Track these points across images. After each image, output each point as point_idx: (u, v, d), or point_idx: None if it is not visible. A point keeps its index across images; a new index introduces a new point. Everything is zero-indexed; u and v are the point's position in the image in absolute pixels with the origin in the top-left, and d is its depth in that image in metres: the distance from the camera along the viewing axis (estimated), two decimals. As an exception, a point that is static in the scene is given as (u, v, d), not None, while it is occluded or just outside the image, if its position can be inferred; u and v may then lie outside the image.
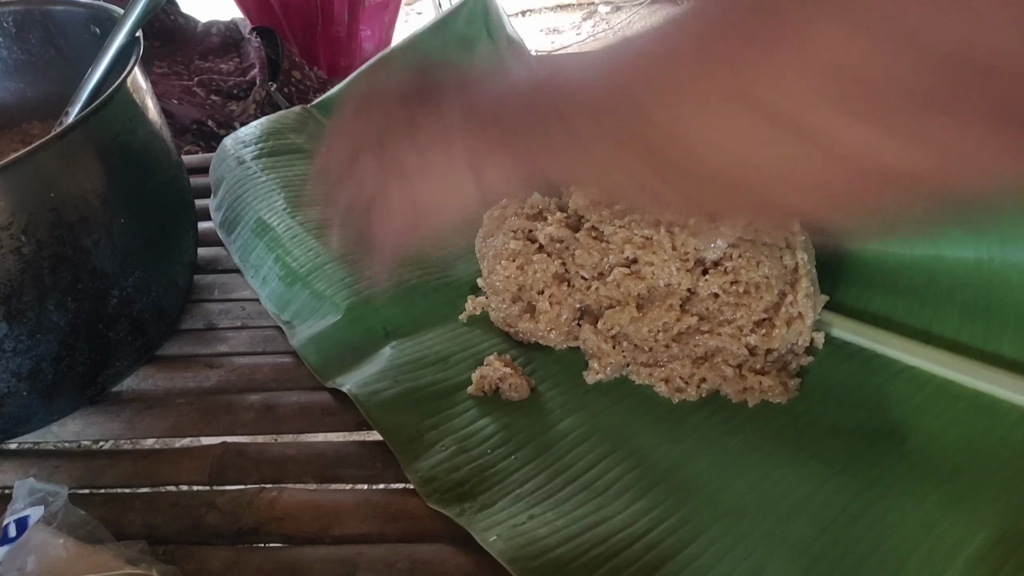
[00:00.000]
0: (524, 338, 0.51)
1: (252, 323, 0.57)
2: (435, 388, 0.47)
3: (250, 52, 1.35)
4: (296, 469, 0.46)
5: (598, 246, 0.47)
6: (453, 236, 0.55)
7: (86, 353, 0.49)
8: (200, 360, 0.55)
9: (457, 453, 0.44)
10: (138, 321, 0.51)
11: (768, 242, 0.45)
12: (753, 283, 0.44)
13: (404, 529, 0.42)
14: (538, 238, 0.50)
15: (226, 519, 0.44)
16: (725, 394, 0.45)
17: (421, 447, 0.44)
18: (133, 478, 0.47)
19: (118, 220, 0.48)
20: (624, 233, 0.46)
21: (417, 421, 0.45)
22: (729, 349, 0.45)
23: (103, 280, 0.48)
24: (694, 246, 0.45)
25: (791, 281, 0.45)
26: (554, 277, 0.49)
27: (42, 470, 0.48)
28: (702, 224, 0.44)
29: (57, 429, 0.50)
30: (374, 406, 0.46)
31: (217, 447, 0.48)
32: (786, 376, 0.45)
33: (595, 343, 0.47)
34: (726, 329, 0.45)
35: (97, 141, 0.46)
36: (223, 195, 0.65)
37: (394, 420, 0.45)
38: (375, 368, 0.48)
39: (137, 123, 0.49)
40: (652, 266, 0.45)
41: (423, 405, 0.46)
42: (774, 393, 0.44)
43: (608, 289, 0.47)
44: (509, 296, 0.50)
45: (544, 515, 0.39)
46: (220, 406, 0.51)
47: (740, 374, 0.45)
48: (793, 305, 0.44)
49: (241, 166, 0.66)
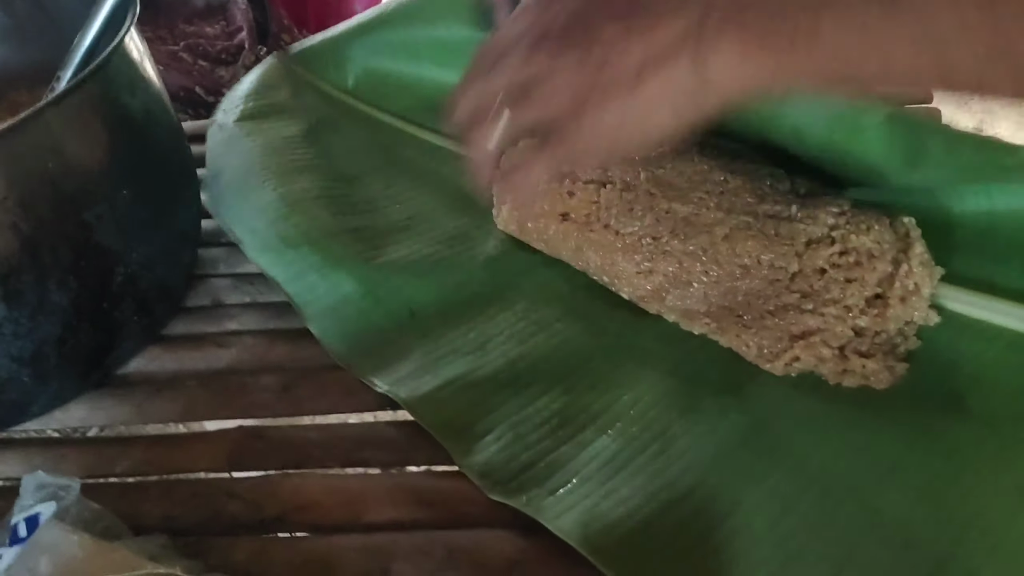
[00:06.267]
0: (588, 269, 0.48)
1: (262, 298, 0.54)
2: (477, 375, 0.44)
3: (236, 15, 1.30)
4: (319, 453, 0.44)
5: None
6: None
7: (90, 335, 0.46)
8: (209, 339, 0.52)
9: (514, 440, 0.41)
10: (144, 299, 0.48)
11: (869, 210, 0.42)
12: (865, 251, 0.41)
13: (438, 515, 0.40)
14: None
15: (248, 508, 0.41)
16: (821, 374, 0.42)
17: (473, 438, 0.41)
18: (146, 466, 0.44)
19: (121, 192, 0.44)
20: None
21: (464, 412, 0.43)
22: (832, 330, 0.41)
23: (107, 257, 0.44)
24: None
25: (903, 248, 0.42)
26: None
27: (47, 460, 0.45)
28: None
29: (61, 415, 0.47)
30: (417, 401, 0.43)
31: (234, 431, 0.46)
32: (893, 360, 0.41)
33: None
34: (831, 310, 0.41)
35: (96, 106, 0.42)
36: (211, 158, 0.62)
37: (441, 414, 0.43)
38: (412, 364, 0.45)
39: (137, 86, 0.46)
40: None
41: (467, 394, 0.43)
42: (878, 379, 0.41)
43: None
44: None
45: (619, 491, 0.37)
46: (233, 387, 0.48)
47: (842, 355, 0.41)
48: (909, 275, 0.41)
49: (223, 131, 0.62)
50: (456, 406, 0.43)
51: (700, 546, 0.35)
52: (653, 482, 0.38)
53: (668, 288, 0.46)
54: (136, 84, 0.46)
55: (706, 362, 0.44)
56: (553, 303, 0.49)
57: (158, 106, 0.49)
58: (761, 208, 0.45)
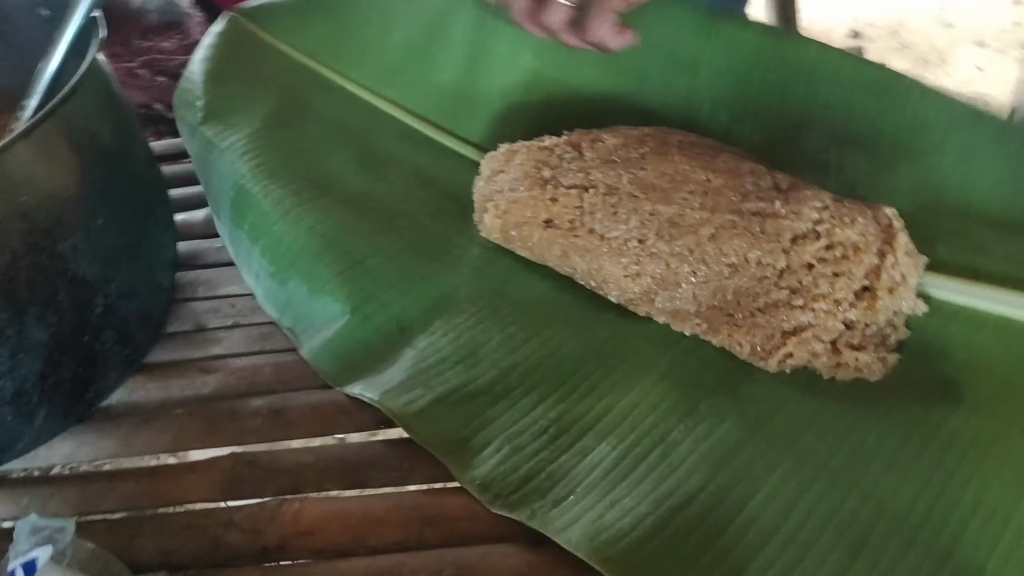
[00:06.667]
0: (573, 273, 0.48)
1: (245, 320, 0.53)
2: (470, 388, 0.44)
3: (192, 28, 1.28)
4: (316, 476, 0.43)
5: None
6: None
7: (73, 368, 0.44)
8: (194, 365, 0.51)
9: (512, 453, 0.40)
10: (125, 328, 0.47)
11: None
12: (851, 244, 0.42)
13: (444, 532, 0.40)
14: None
15: (247, 537, 0.41)
16: (815, 369, 0.42)
17: (471, 453, 0.41)
18: (138, 500, 0.43)
19: (95, 221, 0.43)
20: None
21: (460, 427, 0.42)
22: (823, 325, 0.42)
23: (85, 288, 0.43)
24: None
25: (887, 239, 0.42)
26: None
27: (35, 499, 0.44)
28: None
29: (46, 453, 0.46)
30: (412, 418, 0.43)
31: (226, 459, 0.45)
32: (884, 351, 0.42)
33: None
34: (821, 304, 0.41)
35: (67, 134, 0.41)
36: (197, 164, 0.60)
37: (437, 430, 0.42)
38: (400, 375, 0.45)
39: (107, 111, 0.45)
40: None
41: (462, 408, 0.43)
42: (871, 371, 0.41)
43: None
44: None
45: (623, 501, 0.37)
46: (223, 414, 0.47)
47: (834, 349, 0.42)
48: (895, 266, 0.41)
49: (195, 138, 0.61)
50: (451, 421, 0.43)
51: (710, 549, 0.35)
52: (657, 489, 0.38)
53: (656, 290, 0.46)
54: (106, 109, 0.45)
55: (699, 363, 0.44)
56: (541, 309, 0.48)
57: (129, 129, 0.48)
58: (745, 206, 0.45)
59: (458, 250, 0.53)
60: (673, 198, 0.46)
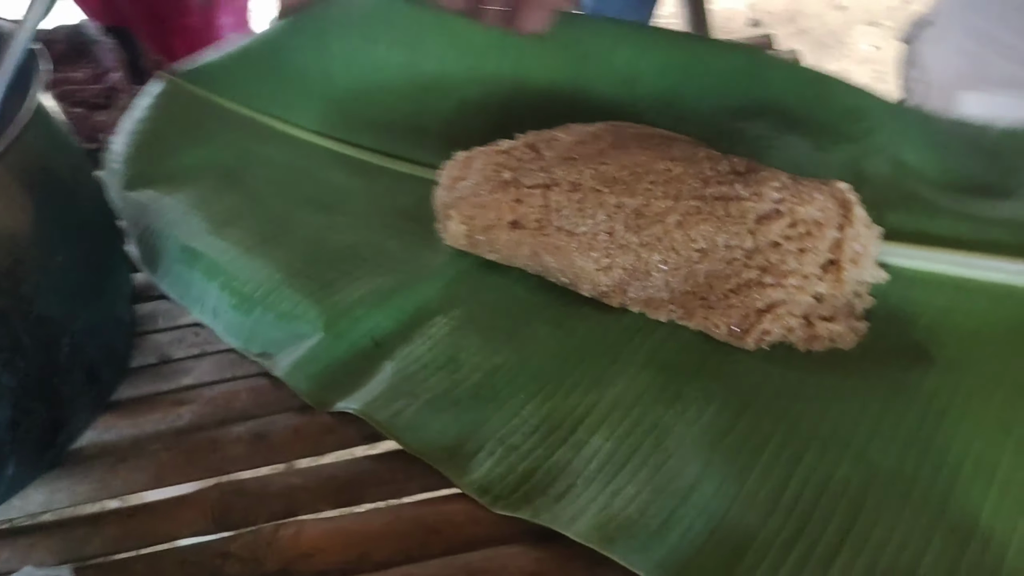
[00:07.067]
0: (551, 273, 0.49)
1: (211, 348, 0.52)
2: (456, 392, 0.44)
3: (104, 56, 1.24)
4: (308, 498, 0.43)
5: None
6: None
7: (43, 413, 0.43)
8: (165, 398, 0.49)
9: (508, 453, 0.41)
10: (92, 366, 0.46)
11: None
12: (812, 220, 0.43)
13: (448, 540, 0.40)
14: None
15: (247, 566, 0.40)
16: (791, 343, 0.44)
17: (466, 457, 0.41)
18: (124, 541, 0.42)
19: (55, 258, 0.42)
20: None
21: (451, 432, 0.42)
22: (794, 300, 0.43)
23: (52, 327, 0.42)
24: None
25: (844, 212, 0.44)
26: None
27: (16, 552, 0.42)
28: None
29: (20, 503, 0.44)
30: (400, 428, 0.43)
31: (212, 490, 0.44)
32: (854, 320, 0.44)
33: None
34: (791, 280, 0.43)
35: (21, 172, 0.40)
36: (130, 227, 0.57)
37: (426, 437, 0.42)
38: (382, 387, 0.45)
39: (58, 146, 0.43)
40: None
41: (449, 413, 0.43)
42: (844, 340, 0.43)
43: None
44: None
45: (625, 489, 0.38)
46: (202, 444, 0.46)
47: (808, 322, 0.43)
48: (856, 238, 0.43)
49: (126, 203, 0.58)
50: (441, 428, 0.43)
51: (718, 528, 0.36)
52: (657, 474, 0.38)
53: (629, 281, 0.47)
54: (56, 144, 0.43)
55: (679, 349, 0.45)
56: (517, 310, 0.49)
57: (80, 162, 0.46)
58: (707, 191, 0.46)
59: (426, 262, 0.52)
60: (637, 189, 0.47)
